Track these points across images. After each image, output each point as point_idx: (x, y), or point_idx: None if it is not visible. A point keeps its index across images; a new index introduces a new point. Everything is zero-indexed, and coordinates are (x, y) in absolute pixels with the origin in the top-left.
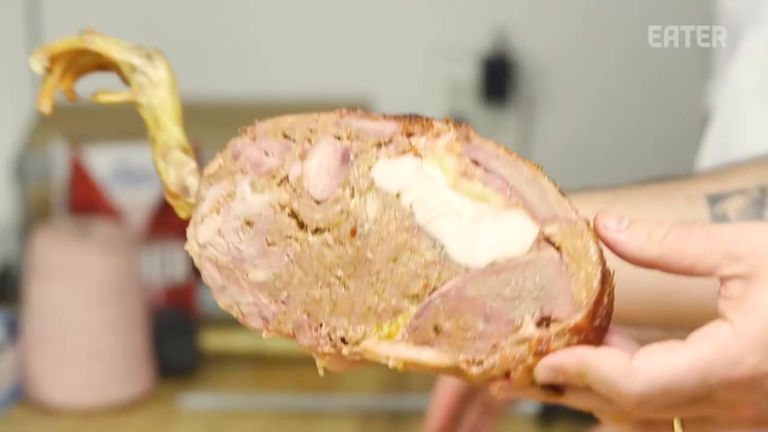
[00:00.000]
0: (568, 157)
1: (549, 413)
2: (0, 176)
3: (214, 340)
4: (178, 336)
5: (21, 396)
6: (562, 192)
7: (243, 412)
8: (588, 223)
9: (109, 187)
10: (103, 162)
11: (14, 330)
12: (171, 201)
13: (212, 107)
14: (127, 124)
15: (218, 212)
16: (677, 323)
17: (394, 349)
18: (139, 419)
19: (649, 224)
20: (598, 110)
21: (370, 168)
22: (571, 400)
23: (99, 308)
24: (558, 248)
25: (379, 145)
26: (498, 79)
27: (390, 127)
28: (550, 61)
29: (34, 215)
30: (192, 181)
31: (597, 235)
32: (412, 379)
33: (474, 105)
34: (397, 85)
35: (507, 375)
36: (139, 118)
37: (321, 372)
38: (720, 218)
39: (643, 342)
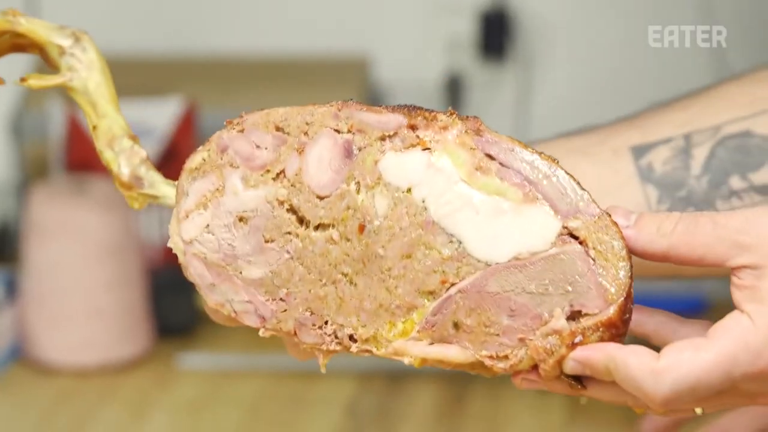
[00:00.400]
0: (565, 113)
1: None
2: None
3: None
4: (177, 295)
5: (19, 355)
6: (581, 185)
7: (242, 372)
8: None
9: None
10: None
11: (12, 289)
12: (123, 192)
13: (209, 64)
14: (124, 81)
15: (205, 207)
16: (684, 275)
17: (420, 347)
18: (138, 379)
19: (657, 217)
20: (597, 66)
21: (376, 162)
22: (595, 393)
23: (97, 267)
24: (582, 242)
25: (383, 139)
26: (496, 34)
27: (395, 120)
28: (549, 17)
29: (32, 174)
30: (144, 171)
31: None
32: None
33: (472, 61)
34: (394, 42)
35: (534, 367)
36: (136, 76)
37: (323, 370)
38: (646, 170)
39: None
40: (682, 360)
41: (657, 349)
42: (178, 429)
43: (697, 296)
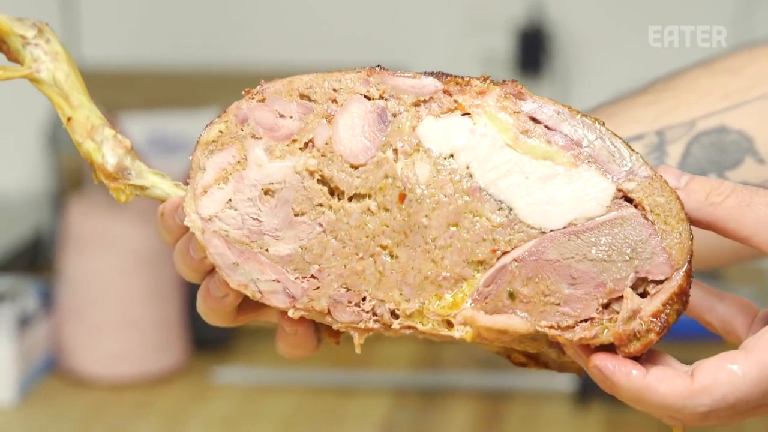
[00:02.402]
0: None
1: (585, 393)
2: (33, 146)
3: None
4: None
5: (55, 367)
6: (630, 146)
7: (277, 386)
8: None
9: (144, 155)
10: (137, 131)
11: (48, 300)
12: (107, 183)
13: (245, 76)
14: (162, 93)
15: (226, 182)
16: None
17: (483, 317)
18: (173, 392)
19: (708, 183)
20: (634, 82)
21: (414, 128)
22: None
23: (133, 278)
24: (637, 205)
25: (417, 104)
26: (533, 50)
27: (431, 84)
28: (586, 33)
29: (67, 185)
30: (131, 161)
31: None
32: (445, 356)
33: (508, 77)
34: (430, 57)
35: (607, 346)
36: (174, 88)
37: (358, 350)
38: None
39: None
40: (719, 381)
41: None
42: None
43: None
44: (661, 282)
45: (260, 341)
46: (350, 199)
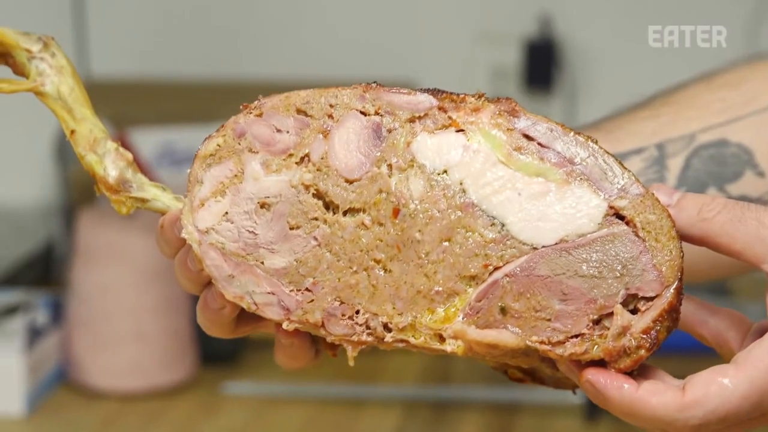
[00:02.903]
0: None
1: (595, 405)
2: (43, 159)
3: None
4: None
5: (64, 379)
6: (622, 164)
7: (286, 399)
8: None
9: (154, 169)
10: (147, 144)
11: (58, 312)
12: (109, 195)
13: (255, 89)
14: (172, 107)
15: (223, 195)
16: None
17: (474, 331)
18: (183, 405)
19: (699, 199)
20: (643, 96)
21: (408, 144)
22: None
23: (143, 291)
24: (628, 222)
25: (413, 120)
26: (542, 64)
27: (426, 100)
28: (595, 47)
29: (76, 198)
30: (132, 174)
31: None
32: (454, 370)
33: (517, 91)
34: (439, 70)
35: (598, 361)
36: (184, 102)
37: (351, 362)
38: None
39: None
40: (710, 394)
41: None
42: None
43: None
44: (651, 299)
45: (270, 354)
46: (345, 213)
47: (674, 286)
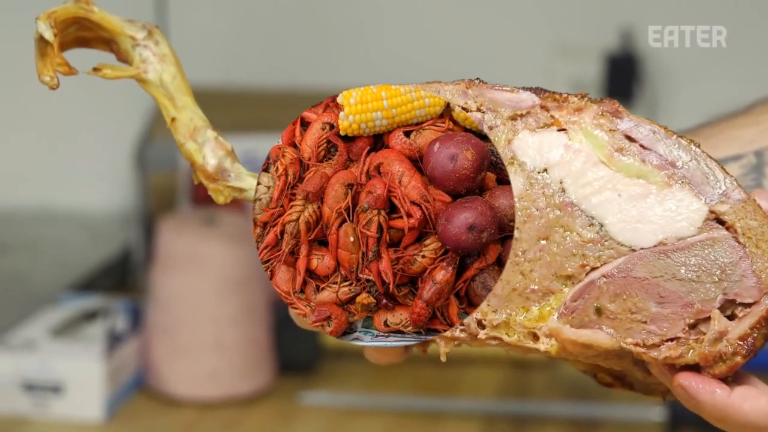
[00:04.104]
0: None
1: (676, 421)
2: (122, 166)
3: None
4: (300, 331)
5: (142, 386)
6: (724, 169)
7: (363, 410)
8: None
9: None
10: None
11: (137, 319)
12: (207, 183)
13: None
14: (250, 115)
15: None
16: None
17: (569, 330)
18: (260, 414)
19: None
20: (723, 110)
21: (509, 141)
22: None
23: (223, 300)
24: (729, 228)
25: (514, 118)
26: (623, 78)
27: (528, 98)
28: (677, 62)
29: (155, 205)
30: (230, 163)
31: None
32: (533, 383)
33: None
34: (517, 82)
35: (692, 366)
36: (264, 110)
37: (443, 358)
38: None
39: None
40: None
41: None
42: None
43: None
44: (749, 305)
45: (345, 364)
46: None
47: None
